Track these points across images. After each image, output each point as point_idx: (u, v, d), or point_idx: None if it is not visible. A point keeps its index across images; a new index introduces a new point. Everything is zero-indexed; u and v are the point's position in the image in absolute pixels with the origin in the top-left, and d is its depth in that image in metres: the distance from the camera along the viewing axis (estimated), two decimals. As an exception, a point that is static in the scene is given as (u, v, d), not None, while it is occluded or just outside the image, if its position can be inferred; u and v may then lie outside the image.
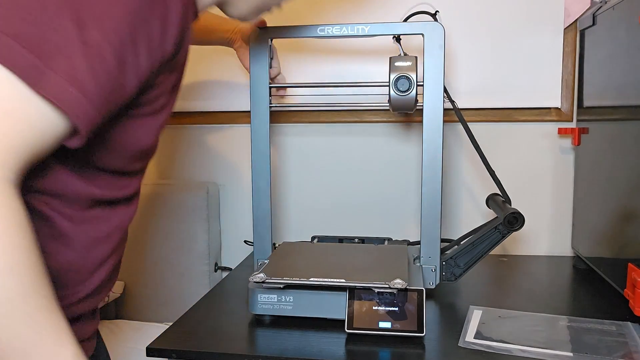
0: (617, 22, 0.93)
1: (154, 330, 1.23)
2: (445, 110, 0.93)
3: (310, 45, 1.29)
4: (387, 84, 0.94)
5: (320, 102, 1.25)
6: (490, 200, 1.07)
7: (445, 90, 0.92)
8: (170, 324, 0.87)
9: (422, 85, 0.92)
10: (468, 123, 1.24)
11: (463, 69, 1.24)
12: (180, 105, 1.37)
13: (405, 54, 0.99)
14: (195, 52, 1.33)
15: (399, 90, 0.93)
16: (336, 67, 1.28)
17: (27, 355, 0.47)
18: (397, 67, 0.93)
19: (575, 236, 1.17)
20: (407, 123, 1.28)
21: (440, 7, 1.23)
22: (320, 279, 0.81)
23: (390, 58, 0.94)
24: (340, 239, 1.14)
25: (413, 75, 0.92)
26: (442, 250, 0.98)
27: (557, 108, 1.23)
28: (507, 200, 0.99)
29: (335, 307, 0.82)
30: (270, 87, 0.97)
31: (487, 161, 0.98)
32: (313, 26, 0.94)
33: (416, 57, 0.94)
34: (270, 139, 0.97)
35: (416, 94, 0.93)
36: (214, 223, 1.36)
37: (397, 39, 1.03)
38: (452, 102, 0.99)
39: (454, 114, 1.01)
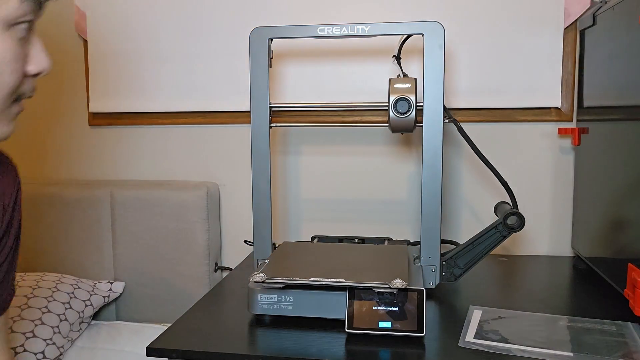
0: (617, 22, 0.93)
1: (152, 333, 1.23)
2: (444, 109, 0.93)
3: (310, 45, 1.29)
4: (387, 106, 0.94)
5: (321, 102, 1.25)
6: (497, 208, 1.07)
7: (445, 110, 0.92)
8: (170, 324, 0.87)
9: (422, 108, 0.92)
10: (468, 123, 1.25)
11: (463, 69, 1.24)
12: (180, 105, 1.37)
13: (405, 75, 0.99)
14: (194, 52, 1.34)
15: (398, 112, 0.93)
16: (336, 67, 1.28)
17: None
18: (397, 89, 0.94)
19: (575, 236, 1.17)
20: (407, 123, 1.28)
21: (441, 7, 1.23)
22: (320, 279, 0.81)
23: (389, 79, 0.95)
24: (340, 239, 1.14)
25: (412, 97, 0.93)
26: (446, 254, 0.98)
27: (557, 108, 1.23)
28: (514, 205, 0.99)
29: (335, 307, 0.82)
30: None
31: (495, 169, 0.98)
32: (313, 26, 0.94)
33: (415, 79, 0.94)
34: (270, 139, 0.97)
35: (415, 115, 0.93)
36: (214, 223, 1.36)
37: (397, 58, 1.04)
38: (455, 121, 0.99)
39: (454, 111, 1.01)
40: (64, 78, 1.44)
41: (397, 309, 0.79)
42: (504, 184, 0.98)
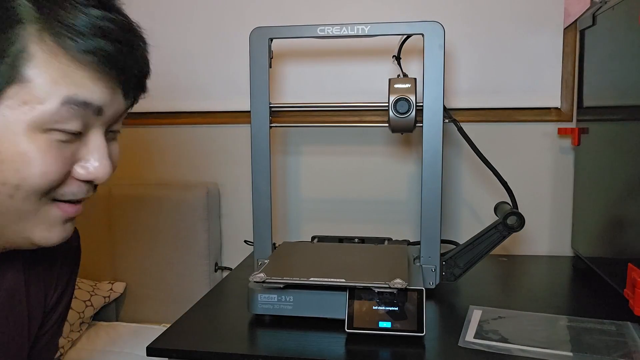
0: (617, 22, 0.93)
1: (152, 334, 1.22)
2: (444, 109, 0.93)
3: (310, 45, 1.29)
4: (387, 106, 0.94)
5: (321, 102, 1.25)
6: (497, 208, 1.07)
7: (445, 110, 0.92)
8: (169, 325, 0.87)
9: (422, 108, 0.92)
10: (468, 123, 1.25)
11: (463, 69, 1.24)
12: (180, 105, 1.37)
13: (404, 75, 0.99)
14: (194, 52, 1.34)
15: (398, 112, 0.93)
16: (336, 67, 1.28)
17: None
18: (397, 89, 0.94)
19: (575, 236, 1.17)
20: (407, 123, 1.28)
21: (441, 7, 1.23)
22: (320, 279, 0.81)
23: (389, 80, 0.95)
24: (340, 239, 1.14)
25: (412, 97, 0.93)
26: (446, 254, 0.98)
27: (557, 108, 1.23)
28: (514, 205, 0.99)
29: (335, 307, 0.82)
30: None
31: (495, 169, 0.98)
32: (313, 26, 0.94)
33: (415, 79, 0.94)
34: (270, 139, 0.97)
35: (415, 115, 0.93)
36: (214, 223, 1.36)
37: (397, 58, 1.04)
38: (455, 121, 0.99)
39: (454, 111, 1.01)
40: (64, 78, 1.44)
41: (397, 308, 0.79)
42: (504, 184, 0.98)
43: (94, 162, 0.53)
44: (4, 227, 0.52)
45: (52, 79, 0.48)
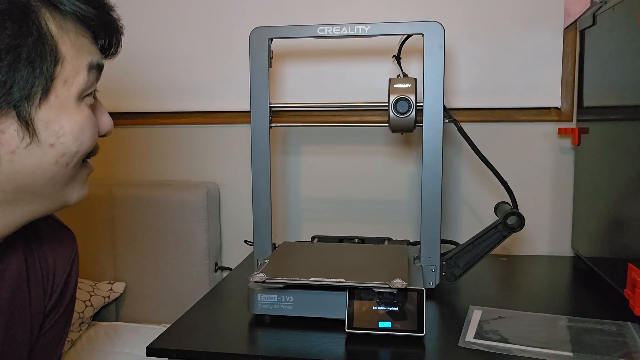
0: (617, 22, 0.93)
1: (151, 334, 1.22)
2: (444, 109, 0.93)
3: (310, 45, 1.29)
4: (387, 106, 0.94)
5: (321, 102, 1.25)
6: (497, 208, 1.07)
7: (445, 110, 0.92)
8: (169, 325, 0.87)
9: (422, 108, 0.92)
10: (468, 123, 1.25)
11: (463, 69, 1.24)
12: (180, 105, 1.37)
13: (404, 75, 0.99)
14: (194, 52, 1.34)
15: (398, 112, 0.93)
16: (336, 67, 1.28)
17: None
18: (397, 89, 0.94)
19: (575, 236, 1.17)
20: (407, 123, 1.28)
21: (441, 6, 1.23)
22: (320, 279, 0.81)
23: (389, 79, 0.95)
24: (340, 239, 1.14)
25: (412, 97, 0.93)
26: (446, 254, 0.98)
27: (557, 108, 1.23)
28: (515, 205, 0.99)
29: (335, 307, 0.82)
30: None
31: (495, 169, 0.98)
32: (313, 26, 0.94)
33: (415, 79, 0.94)
34: (270, 139, 0.97)
35: (415, 115, 0.93)
36: (214, 223, 1.36)
37: (397, 58, 1.03)
38: (455, 121, 0.99)
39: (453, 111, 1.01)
40: (64, 78, 1.44)
41: (397, 309, 0.79)
42: (504, 184, 0.98)
43: (104, 117, 0.62)
44: (49, 195, 0.57)
45: (74, 51, 0.53)
